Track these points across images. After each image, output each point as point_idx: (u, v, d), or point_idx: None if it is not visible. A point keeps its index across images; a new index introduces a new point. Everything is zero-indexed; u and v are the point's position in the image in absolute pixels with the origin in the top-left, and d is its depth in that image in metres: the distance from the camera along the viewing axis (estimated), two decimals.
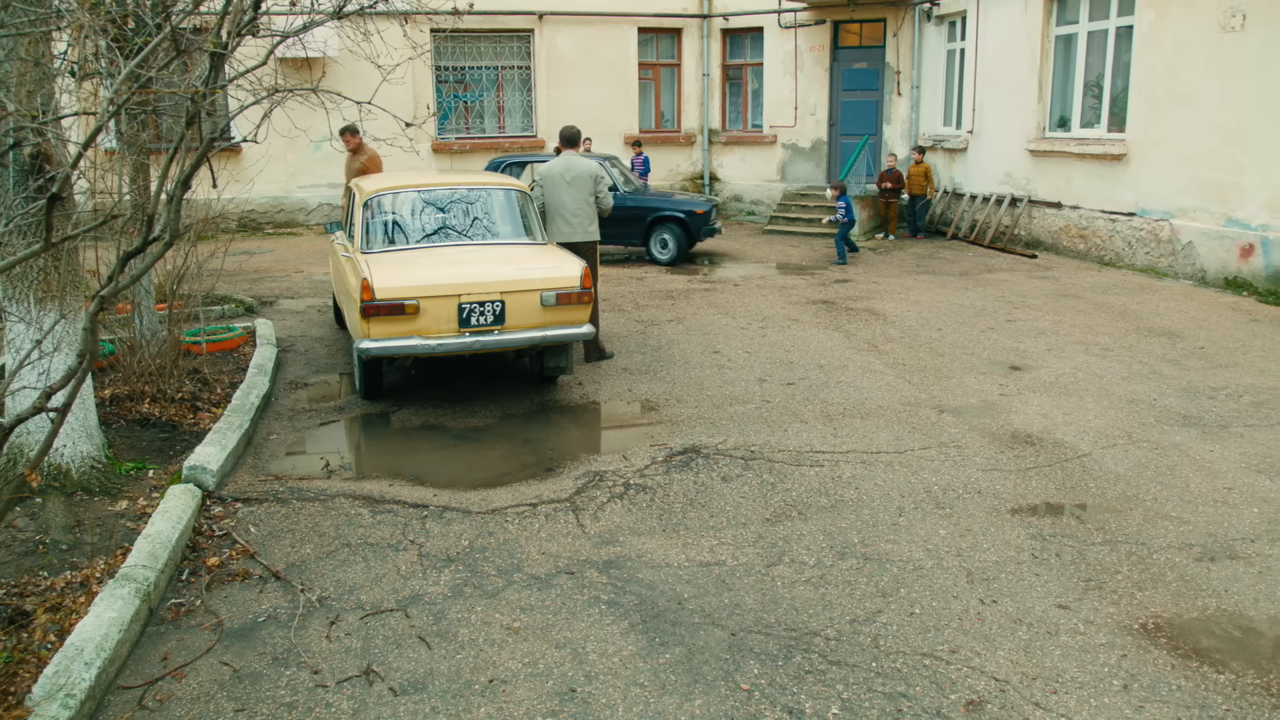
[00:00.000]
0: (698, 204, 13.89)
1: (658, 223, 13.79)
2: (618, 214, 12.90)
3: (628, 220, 13.60)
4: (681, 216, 13.61)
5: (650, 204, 13.89)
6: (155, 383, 6.96)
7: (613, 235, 13.34)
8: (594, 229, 8.40)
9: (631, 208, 13.69)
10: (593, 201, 8.32)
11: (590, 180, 8.29)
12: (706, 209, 13.72)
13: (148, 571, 4.37)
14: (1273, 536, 5.03)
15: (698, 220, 13.64)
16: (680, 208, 13.77)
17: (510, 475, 6.01)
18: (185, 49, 3.59)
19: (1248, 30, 10.56)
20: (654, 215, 13.76)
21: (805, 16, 17.81)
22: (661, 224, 13.75)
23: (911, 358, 8.56)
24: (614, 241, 13.73)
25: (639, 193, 14.33)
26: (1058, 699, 3.69)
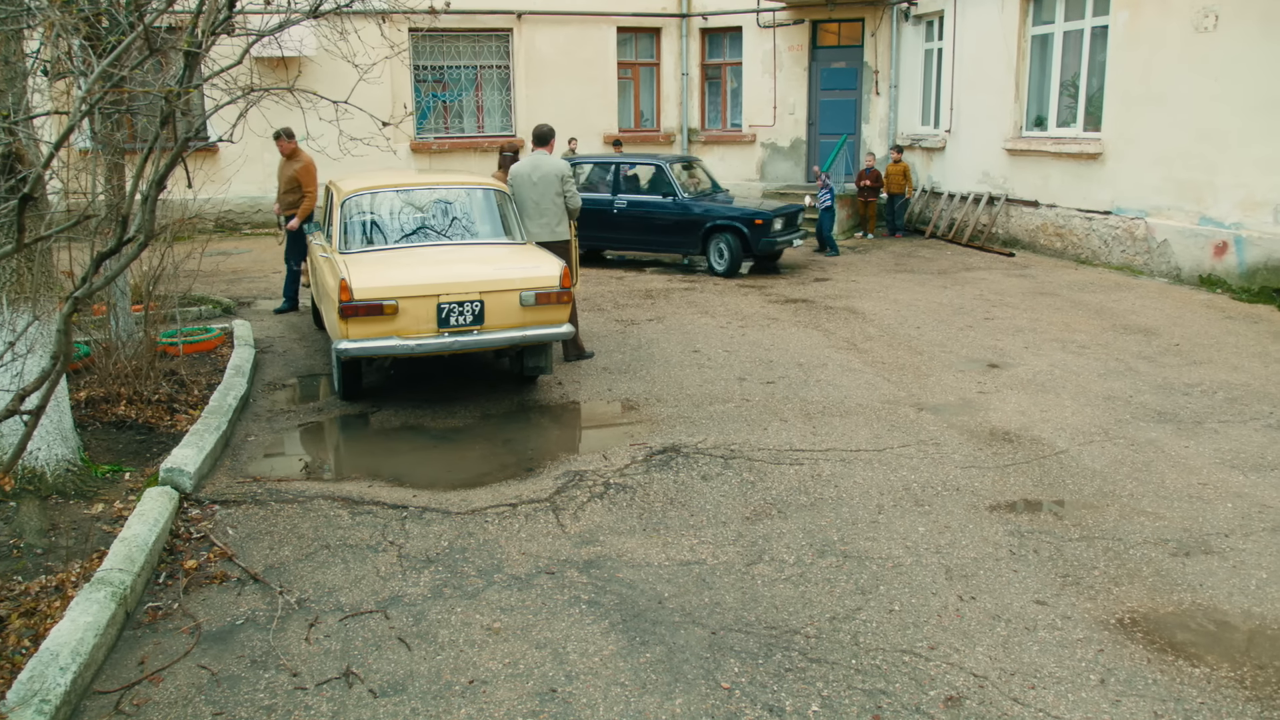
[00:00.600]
0: (762, 211, 12.59)
1: (715, 231, 12.68)
2: (672, 222, 12.68)
3: (683, 228, 12.83)
4: (738, 225, 12.45)
5: (706, 210, 12.72)
6: (131, 384, 6.90)
7: (667, 244, 13.06)
8: (563, 228, 8.36)
9: (686, 215, 12.82)
10: (560, 201, 8.29)
11: (556, 180, 8.24)
12: (767, 217, 12.43)
13: (124, 575, 4.33)
14: (1246, 531, 5.09)
15: (756, 231, 12.35)
16: (737, 216, 12.56)
17: (490, 475, 5.99)
18: (159, 48, 3.56)
19: (1220, 30, 10.67)
20: (710, 223, 12.69)
21: (784, 16, 17.86)
22: (719, 233, 12.64)
23: (890, 356, 8.60)
24: (669, 250, 13.24)
25: (702, 197, 13.20)
26: (1036, 694, 3.72)
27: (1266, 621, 4.23)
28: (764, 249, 12.47)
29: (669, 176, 12.99)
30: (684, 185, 13.31)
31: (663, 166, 13.15)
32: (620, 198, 13.22)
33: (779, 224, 12.54)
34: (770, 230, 12.39)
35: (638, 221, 13.08)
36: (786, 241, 12.79)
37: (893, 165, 15.99)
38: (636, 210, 13.09)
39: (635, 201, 13.14)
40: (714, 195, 13.50)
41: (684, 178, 13.48)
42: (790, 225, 12.92)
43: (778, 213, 12.62)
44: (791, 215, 12.95)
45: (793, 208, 13.17)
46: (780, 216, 12.59)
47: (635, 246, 13.58)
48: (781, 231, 12.65)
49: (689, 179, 13.60)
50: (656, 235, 13.08)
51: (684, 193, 12.95)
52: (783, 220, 12.64)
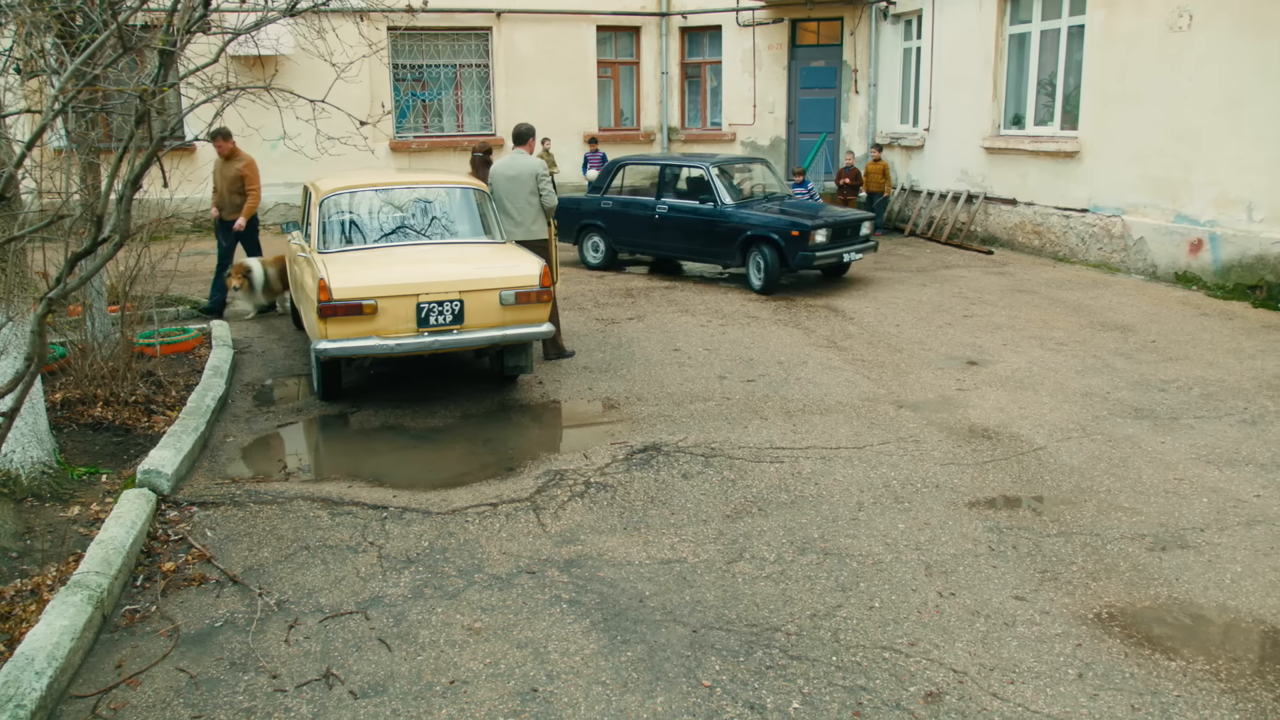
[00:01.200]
0: (799, 221, 10.98)
1: (753, 242, 11.31)
2: (711, 229, 11.56)
3: (721, 236, 11.59)
4: (773, 237, 11.06)
5: (743, 219, 11.39)
6: (108, 386, 6.84)
7: (707, 253, 11.92)
8: (538, 227, 8.37)
9: (725, 222, 11.56)
10: (536, 200, 8.29)
11: (531, 178, 8.25)
12: (805, 228, 10.84)
13: (101, 578, 4.29)
14: (1221, 525, 5.14)
15: (792, 243, 10.90)
16: (771, 225, 11.11)
17: (470, 475, 5.98)
18: (133, 46, 3.53)
19: (1195, 30, 10.76)
20: (747, 232, 11.33)
21: (763, 15, 17.89)
22: (756, 244, 11.25)
23: (870, 354, 8.63)
24: (709, 259, 12.06)
25: (753, 202, 11.89)
26: (1014, 689, 3.74)
27: (1241, 615, 4.28)
28: (801, 263, 10.99)
29: (711, 179, 11.77)
30: (745, 188, 12.31)
31: (706, 168, 11.88)
32: (663, 202, 12.22)
33: (822, 235, 11.01)
34: (808, 243, 10.88)
35: (678, 228, 12.03)
36: (834, 256, 11.24)
37: (872, 164, 16.05)
38: (677, 216, 12.02)
39: (676, 206, 12.08)
40: (773, 200, 12.14)
41: (744, 179, 12.53)
42: (843, 236, 11.42)
43: (825, 222, 11.14)
44: (846, 225, 11.48)
45: (852, 216, 11.83)
46: (827, 226, 11.09)
47: (677, 254, 12.56)
48: (828, 244, 11.13)
49: (748, 181, 12.56)
50: (696, 243, 11.96)
51: (730, 197, 11.70)
52: (829, 231, 11.11)
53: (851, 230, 11.59)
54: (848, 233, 11.48)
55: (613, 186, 12.93)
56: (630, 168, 13.10)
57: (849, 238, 11.53)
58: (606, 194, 12.88)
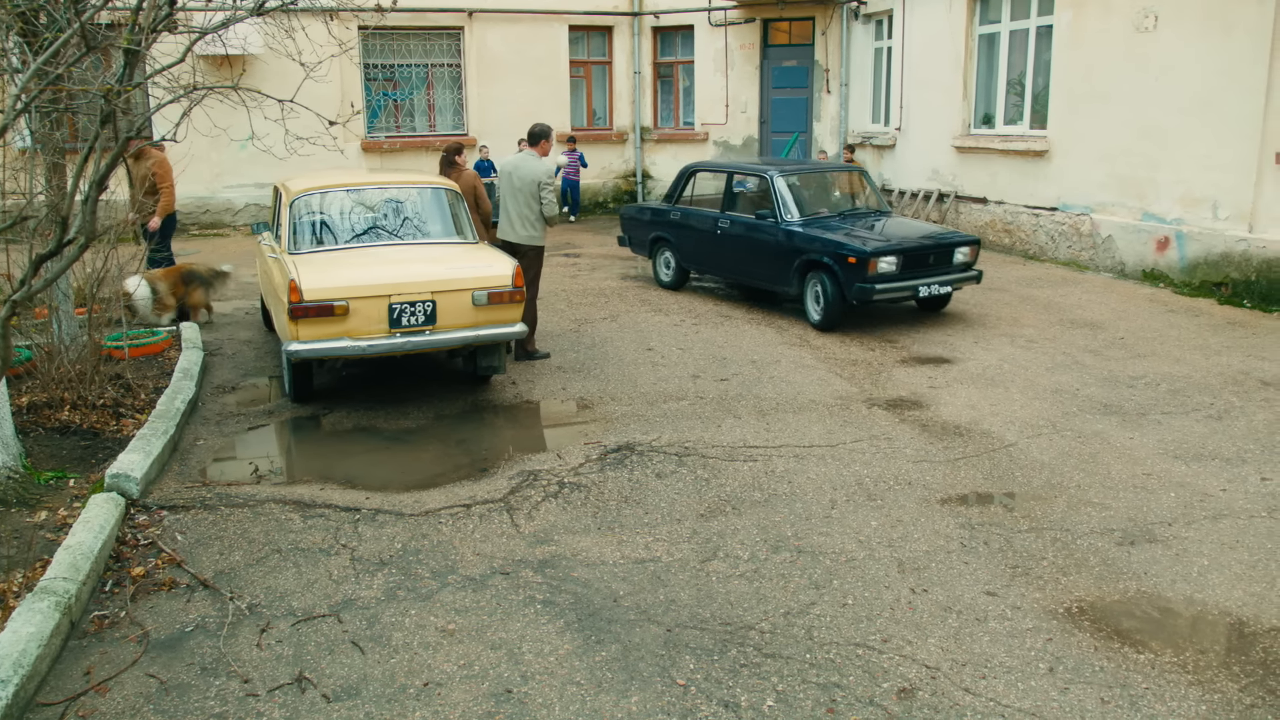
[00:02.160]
0: (859, 248, 9.03)
1: (811, 268, 9.52)
2: (767, 250, 9.99)
3: (778, 259, 9.87)
4: (829, 262, 9.23)
5: (801, 239, 9.58)
6: (75, 389, 6.76)
7: (765, 276, 10.24)
8: (530, 233, 8.34)
9: (782, 242, 9.81)
10: (536, 206, 8.26)
11: (534, 184, 8.23)
12: (863, 254, 8.94)
13: (68, 584, 4.24)
14: (1188, 520, 5.20)
15: (849, 272, 9.01)
16: (829, 249, 9.28)
17: (444, 476, 5.96)
18: (97, 45, 3.49)
19: (1160, 31, 10.89)
20: (804, 256, 9.52)
21: (735, 15, 17.93)
22: (815, 270, 9.47)
23: (843, 352, 8.67)
24: (768, 284, 10.31)
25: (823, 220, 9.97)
26: (986, 684, 3.77)
27: (1208, 607, 4.33)
28: (860, 297, 9.01)
29: (774, 188, 10.04)
30: (824, 201, 10.57)
31: (768, 176, 10.19)
32: (725, 215, 10.65)
33: (888, 263, 9.04)
34: (867, 272, 8.92)
35: (737, 246, 10.43)
36: (905, 290, 9.24)
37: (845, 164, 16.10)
38: (737, 232, 10.41)
39: (738, 220, 10.45)
40: (859, 217, 10.24)
41: (824, 191, 10.86)
42: (922, 265, 9.34)
43: (894, 247, 9.19)
44: (927, 251, 9.42)
45: (939, 239, 9.69)
46: (897, 253, 9.14)
47: (737, 277, 10.95)
48: (901, 274, 9.14)
49: (831, 193, 10.86)
50: (754, 265, 10.33)
51: (797, 211, 9.90)
52: (900, 258, 9.13)
53: (937, 257, 9.48)
54: (930, 260, 9.42)
55: (683, 196, 11.48)
56: (701, 175, 11.57)
57: (931, 266, 9.43)
58: (677, 203, 11.48)
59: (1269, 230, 9.93)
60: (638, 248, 12.13)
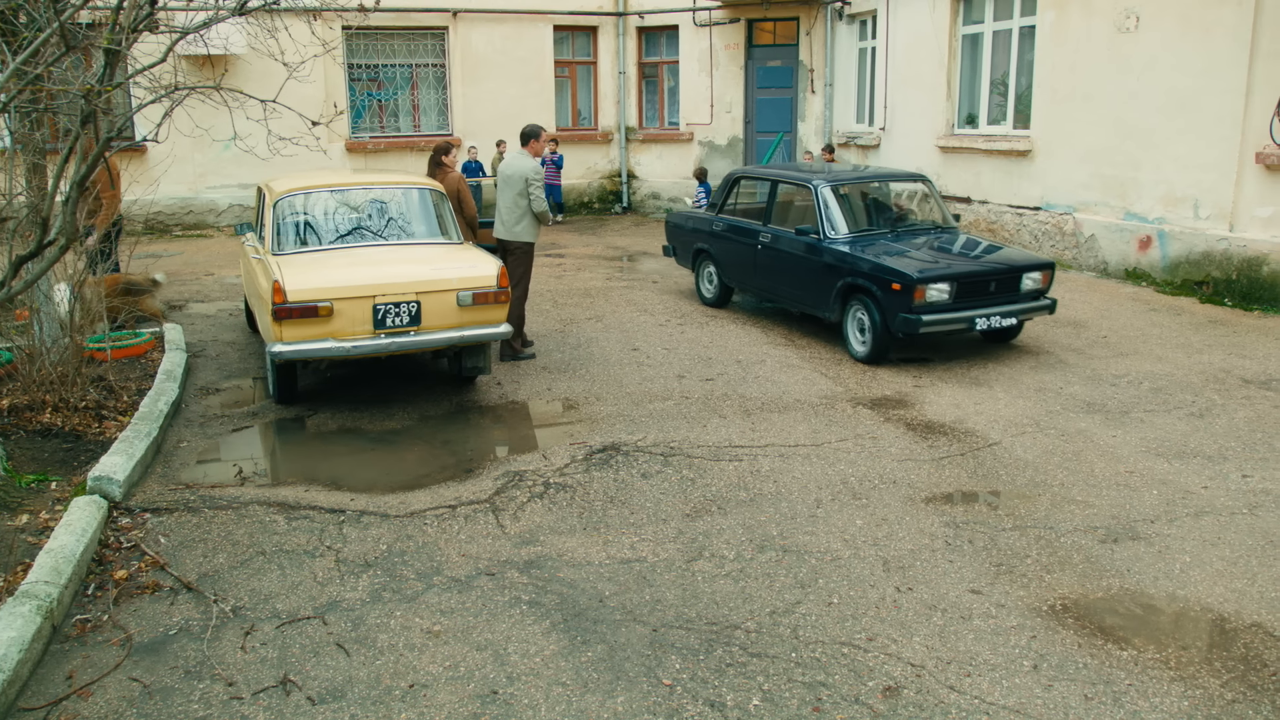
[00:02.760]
0: (905, 272, 7.84)
1: (852, 293, 8.41)
2: (805, 269, 8.90)
3: (817, 279, 8.76)
4: (871, 288, 8.07)
5: (842, 259, 8.44)
6: (57, 391, 6.71)
7: (805, 299, 9.11)
8: (521, 229, 8.44)
9: (823, 262, 8.68)
10: (524, 202, 8.37)
11: (520, 181, 8.35)
12: (909, 280, 7.76)
13: (50, 587, 4.21)
14: (1171, 517, 5.24)
15: (893, 299, 7.88)
16: (871, 272, 8.11)
17: (429, 477, 5.94)
18: (76, 44, 3.47)
19: (1141, 31, 10.95)
20: (846, 279, 8.39)
21: (720, 15, 17.95)
22: (857, 295, 8.33)
23: (827, 351, 8.69)
24: (807, 308, 9.14)
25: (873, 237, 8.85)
26: (971, 681, 3.79)
27: (1190, 604, 4.36)
28: (905, 328, 7.85)
29: (818, 199, 8.91)
30: (879, 214, 9.54)
31: (813, 185, 9.04)
32: (768, 229, 9.56)
33: (941, 290, 7.85)
34: (913, 301, 7.77)
35: (777, 263, 9.42)
36: (959, 323, 7.99)
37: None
38: (777, 248, 9.36)
39: (779, 235, 9.39)
40: (916, 234, 9.02)
41: (880, 203, 9.78)
42: (982, 293, 8.10)
43: (946, 272, 7.95)
44: (989, 278, 8.16)
45: (1003, 263, 8.38)
46: (953, 279, 7.92)
47: (777, 298, 9.77)
48: (954, 303, 7.93)
49: (890, 206, 9.82)
50: (794, 286, 9.24)
51: (844, 226, 8.80)
52: (955, 285, 7.91)
53: (1000, 283, 8.20)
54: (991, 287, 8.16)
55: (726, 205, 10.54)
56: (745, 182, 10.58)
57: (993, 295, 8.16)
58: (720, 212, 10.53)
59: (1249, 229, 10.00)
60: (682, 260, 11.29)
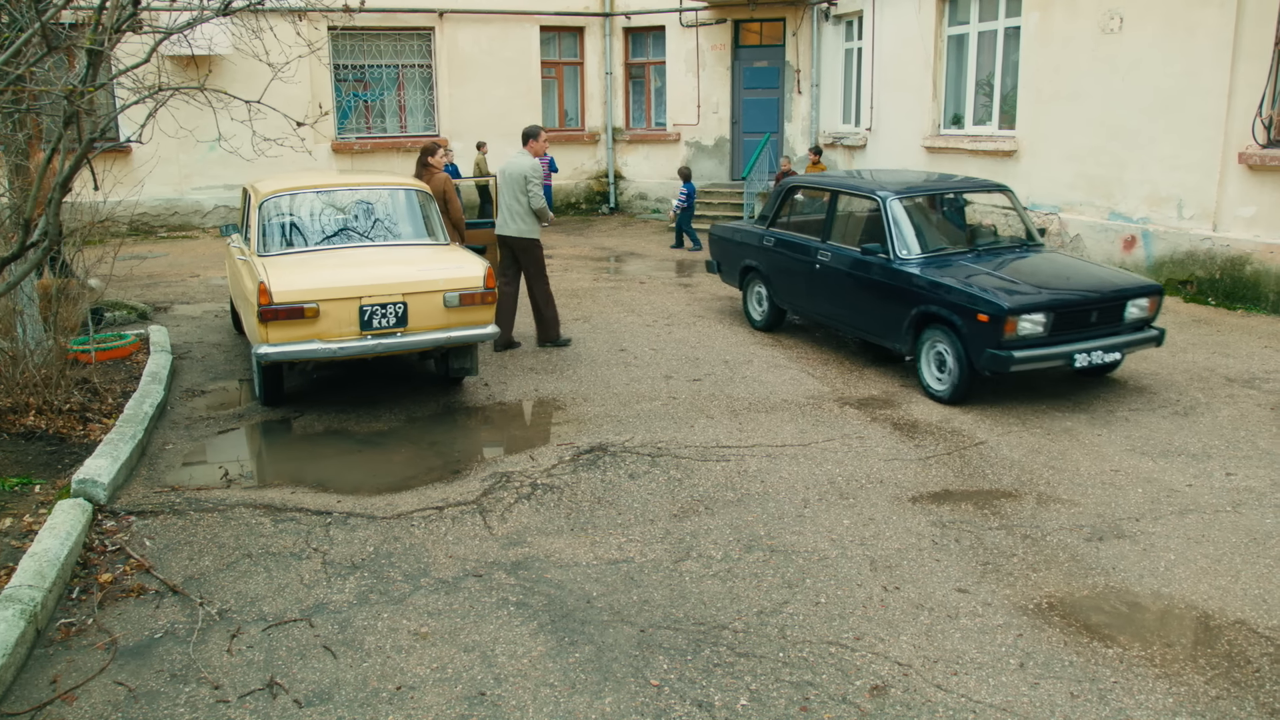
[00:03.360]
0: (996, 301, 6.77)
1: (929, 322, 7.34)
2: (873, 293, 7.82)
3: (887, 305, 7.69)
4: (952, 318, 7.03)
5: (919, 284, 7.34)
6: (41, 394, 6.67)
7: (871, 326, 8.00)
8: (521, 226, 8.74)
9: (894, 286, 7.59)
10: (524, 200, 8.64)
11: (520, 179, 8.63)
12: (1000, 311, 6.70)
13: (34, 591, 4.19)
14: (1156, 515, 5.26)
15: (979, 332, 6.84)
16: (956, 301, 7.03)
17: (416, 479, 5.93)
18: (58, 45, 3.45)
19: (1125, 32, 11.01)
20: (921, 307, 7.30)
21: (706, 15, 17.97)
22: (934, 325, 7.29)
23: (815, 351, 8.71)
24: (875, 336, 8.02)
25: (950, 257, 7.69)
26: (958, 680, 3.80)
27: (1174, 601, 4.39)
28: (993, 366, 6.82)
29: (887, 214, 7.82)
30: (955, 230, 8.57)
31: (881, 198, 7.93)
32: (827, 245, 8.47)
33: (1036, 323, 6.82)
34: (1003, 334, 6.74)
35: (838, 286, 8.28)
36: (1057, 359, 6.90)
37: (811, 165, 15.89)
38: (839, 267, 8.24)
39: (840, 253, 8.27)
40: (997, 253, 7.87)
41: (957, 217, 8.81)
42: (1083, 324, 7.05)
43: (1043, 301, 6.90)
44: (1091, 307, 7.08)
45: (1108, 289, 7.21)
46: (1050, 309, 6.88)
47: (837, 324, 8.61)
48: (1050, 337, 6.90)
49: (966, 219, 8.94)
50: (858, 312, 8.12)
51: (916, 244, 7.70)
52: (1052, 316, 6.87)
53: (1102, 313, 7.13)
54: (1092, 317, 7.09)
55: (779, 219, 9.44)
56: (801, 192, 9.40)
57: (1094, 326, 7.11)
58: (772, 226, 9.44)
59: (1232, 229, 10.07)
60: (727, 277, 10.24)
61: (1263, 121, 9.54)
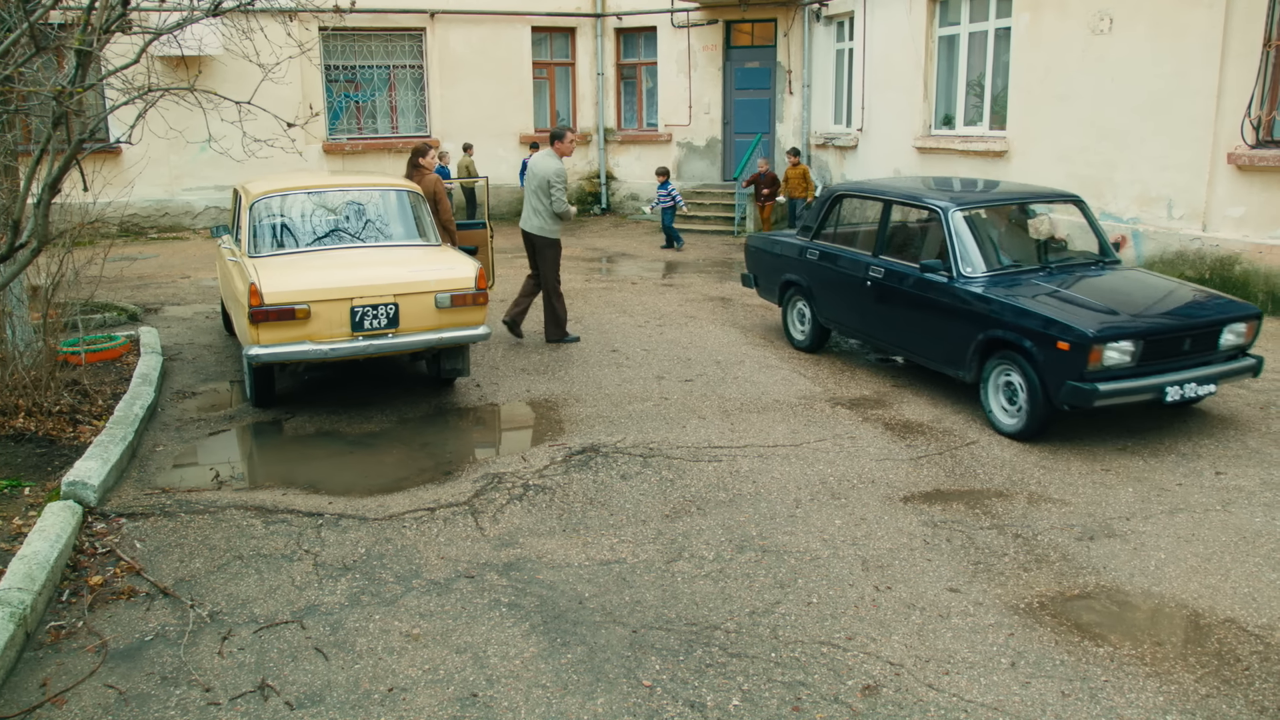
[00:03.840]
0: (1076, 326, 6.09)
1: (997, 347, 6.65)
2: (934, 315, 7.12)
3: (949, 328, 7.00)
4: (1025, 344, 6.33)
5: (989, 307, 6.63)
6: (30, 396, 6.64)
7: (930, 349, 7.29)
8: (541, 224, 8.95)
9: (957, 307, 6.92)
10: (546, 200, 8.86)
11: (544, 180, 8.84)
12: (1084, 338, 5.99)
13: (24, 594, 4.17)
14: (1146, 514, 5.28)
15: (1058, 361, 6.14)
16: (1029, 323, 6.33)
17: (407, 480, 5.92)
18: (47, 45, 3.43)
19: (1115, 33, 11.04)
20: (989, 331, 6.61)
21: (697, 16, 17.98)
22: (1002, 351, 6.59)
23: (806, 353, 8.71)
24: (934, 360, 7.31)
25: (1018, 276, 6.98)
26: (949, 679, 3.81)
27: (1165, 600, 4.40)
28: (1075, 400, 6.10)
29: (950, 229, 7.15)
30: (1024, 246, 7.75)
31: (943, 211, 7.27)
32: (880, 260, 7.76)
33: (1124, 351, 6.11)
34: (1090, 366, 6.04)
35: (893, 306, 7.62)
36: (1146, 391, 6.18)
37: (791, 168, 15.69)
38: (893, 286, 7.55)
39: (894, 270, 7.57)
40: (1070, 271, 7.19)
41: (1024, 230, 7.93)
42: (1175, 353, 6.33)
43: (1131, 328, 6.19)
44: (1184, 334, 6.36)
45: (1200, 313, 6.56)
46: (1139, 336, 6.16)
47: (891, 346, 7.94)
48: (1139, 367, 6.18)
49: (1034, 233, 7.94)
50: (915, 335, 7.44)
51: (981, 262, 7.02)
52: (1141, 344, 6.15)
53: (1196, 339, 6.41)
54: (1185, 345, 6.38)
55: (824, 230, 8.72)
56: (849, 201, 8.64)
57: (1186, 354, 6.39)
58: (817, 238, 8.72)
59: (1221, 229, 10.11)
60: (765, 292, 9.47)
61: (1251, 122, 9.58)
